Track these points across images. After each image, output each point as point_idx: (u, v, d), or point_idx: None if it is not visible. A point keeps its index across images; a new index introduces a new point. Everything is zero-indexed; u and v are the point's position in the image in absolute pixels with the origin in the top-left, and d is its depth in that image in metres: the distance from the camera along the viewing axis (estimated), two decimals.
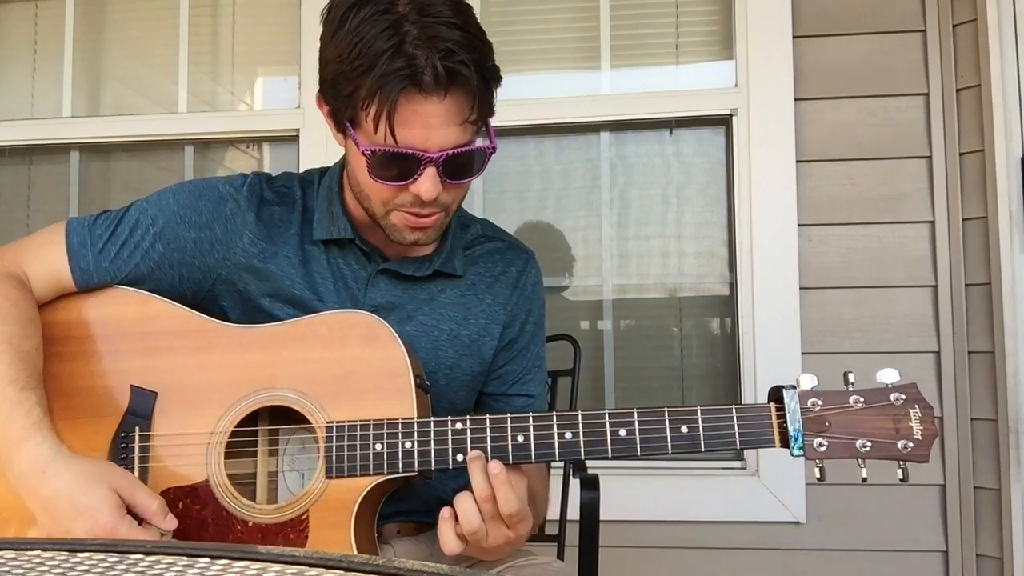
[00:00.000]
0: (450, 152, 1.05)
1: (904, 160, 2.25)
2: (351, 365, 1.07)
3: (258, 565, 0.52)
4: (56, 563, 0.52)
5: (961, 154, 2.20)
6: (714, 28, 2.45)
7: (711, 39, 2.46)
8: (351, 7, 1.04)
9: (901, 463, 1.01)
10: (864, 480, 1.01)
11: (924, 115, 2.24)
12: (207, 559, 0.53)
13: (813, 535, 2.20)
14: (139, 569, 0.51)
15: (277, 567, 0.51)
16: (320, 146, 2.39)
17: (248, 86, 2.71)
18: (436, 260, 1.22)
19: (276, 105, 2.60)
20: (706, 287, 2.44)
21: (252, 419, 1.10)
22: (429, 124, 1.03)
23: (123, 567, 0.51)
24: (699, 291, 2.45)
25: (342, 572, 0.51)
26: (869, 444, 1.00)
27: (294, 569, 0.51)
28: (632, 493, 2.23)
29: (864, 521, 2.18)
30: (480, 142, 1.10)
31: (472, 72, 1.02)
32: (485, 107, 1.07)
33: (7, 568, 0.51)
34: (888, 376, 1.02)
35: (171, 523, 1.00)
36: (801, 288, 2.24)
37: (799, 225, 2.25)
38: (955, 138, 2.21)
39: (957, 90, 2.21)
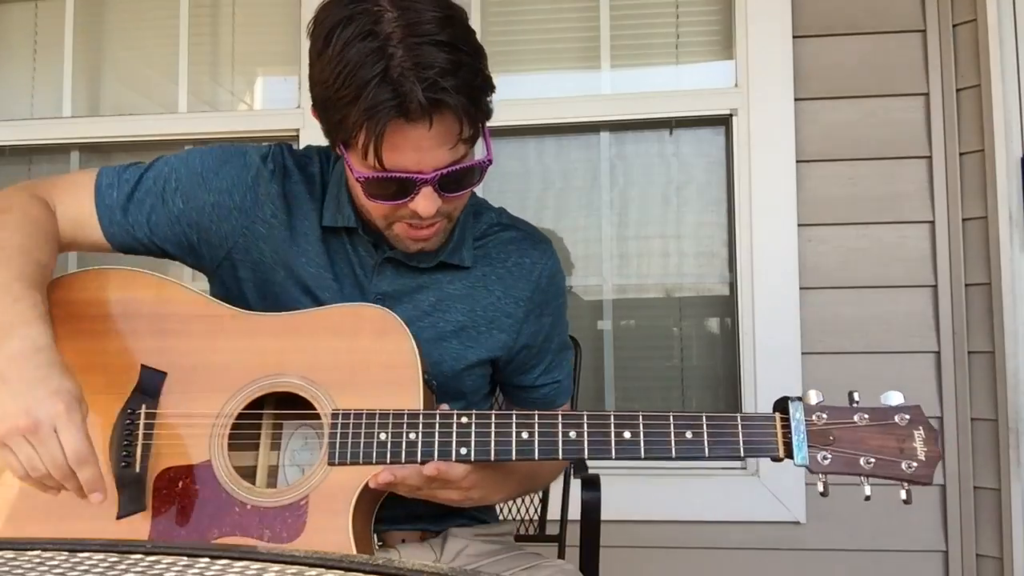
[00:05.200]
0: (444, 171, 1.06)
1: (904, 160, 2.25)
2: (361, 355, 1.08)
3: (258, 565, 0.52)
4: (56, 563, 0.52)
5: (961, 154, 2.20)
6: (714, 28, 2.45)
7: (711, 39, 2.46)
8: (335, 26, 1.02)
9: (905, 484, 1.01)
10: (867, 498, 1.02)
11: (924, 115, 2.24)
12: (207, 559, 0.53)
13: (813, 535, 2.20)
14: (139, 569, 0.51)
15: (277, 567, 0.51)
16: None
17: (248, 86, 2.71)
18: (442, 252, 1.21)
19: (276, 105, 2.61)
20: (706, 287, 2.44)
21: (259, 406, 1.11)
22: (420, 148, 1.03)
23: (123, 567, 0.51)
24: (699, 291, 2.45)
25: (342, 572, 0.51)
26: (873, 460, 1.00)
27: (294, 569, 0.51)
28: (633, 493, 2.23)
29: (864, 521, 2.18)
30: (478, 154, 1.10)
31: (458, 97, 1.00)
32: (476, 122, 1.06)
33: (7, 568, 0.51)
34: (892, 398, 1.02)
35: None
36: (801, 288, 2.24)
37: (799, 225, 2.25)
38: (955, 138, 2.21)
39: (957, 90, 2.21)
